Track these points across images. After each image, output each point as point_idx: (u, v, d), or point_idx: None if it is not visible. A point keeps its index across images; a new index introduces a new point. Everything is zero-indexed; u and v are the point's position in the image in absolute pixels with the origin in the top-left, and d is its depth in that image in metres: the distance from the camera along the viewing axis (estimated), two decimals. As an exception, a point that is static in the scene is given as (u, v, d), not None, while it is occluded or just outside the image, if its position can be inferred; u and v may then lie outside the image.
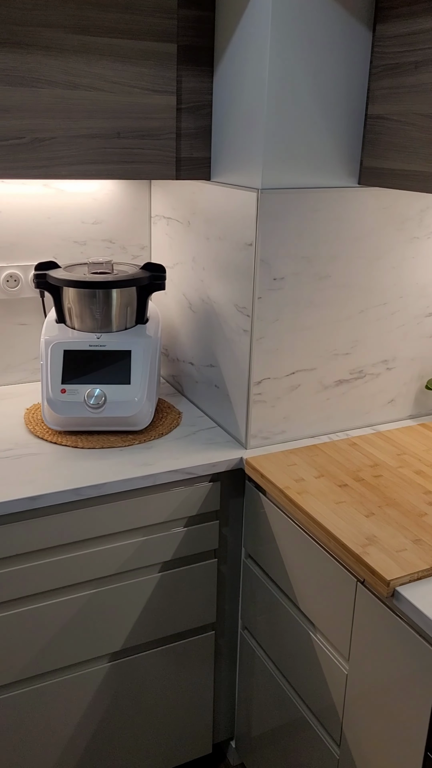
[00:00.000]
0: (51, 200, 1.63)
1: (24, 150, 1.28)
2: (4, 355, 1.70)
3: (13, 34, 1.20)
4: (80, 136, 1.31)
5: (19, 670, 1.35)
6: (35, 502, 1.24)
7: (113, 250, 1.74)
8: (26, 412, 1.56)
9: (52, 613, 1.34)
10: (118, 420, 1.45)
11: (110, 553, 1.35)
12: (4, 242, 1.62)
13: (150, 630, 1.45)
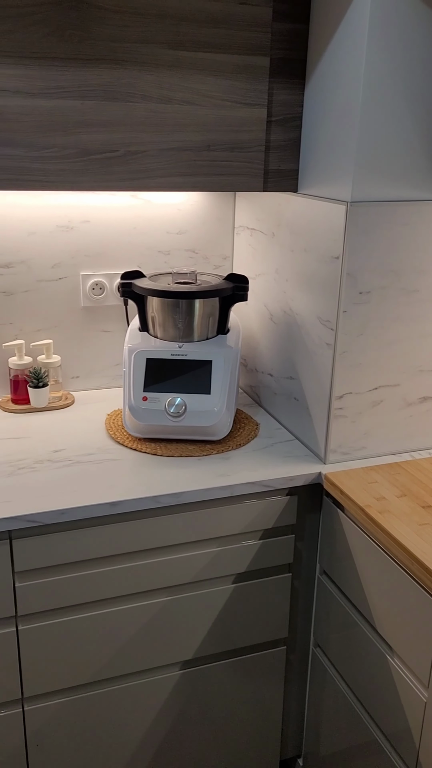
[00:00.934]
0: (138, 211, 1.66)
1: (117, 163, 1.31)
2: (87, 360, 1.75)
3: (112, 51, 1.24)
4: (171, 149, 1.33)
5: (93, 673, 1.37)
6: (115, 508, 1.26)
7: (196, 259, 1.76)
8: (107, 418, 1.59)
9: (127, 618, 1.36)
10: (197, 429, 1.46)
11: (185, 562, 1.36)
12: (91, 251, 1.66)
13: (221, 641, 1.45)
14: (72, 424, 1.57)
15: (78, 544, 1.26)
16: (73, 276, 1.67)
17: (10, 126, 1.22)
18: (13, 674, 1.31)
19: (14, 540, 1.23)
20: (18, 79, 1.20)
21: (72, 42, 1.21)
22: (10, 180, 1.25)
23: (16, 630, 1.29)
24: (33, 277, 1.63)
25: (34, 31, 1.18)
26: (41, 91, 1.22)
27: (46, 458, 1.40)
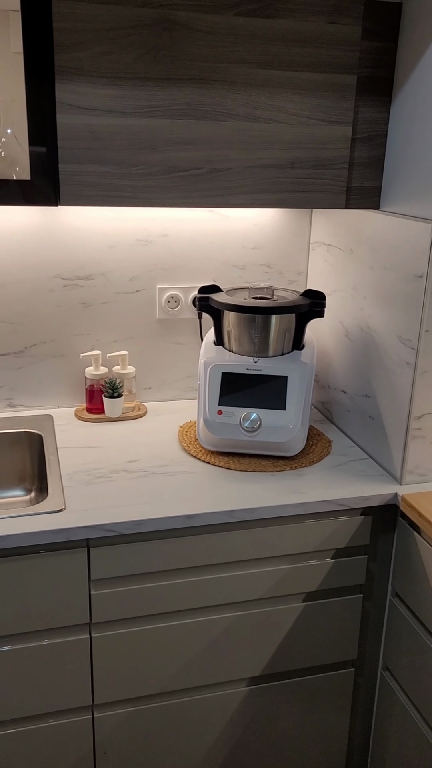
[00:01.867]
0: (215, 225, 1.68)
1: (202, 180, 1.33)
2: (160, 372, 1.77)
3: (202, 71, 1.26)
4: (256, 167, 1.34)
5: (161, 684, 1.38)
6: (191, 521, 1.27)
7: (270, 274, 1.76)
8: (180, 430, 1.61)
9: (196, 631, 1.36)
10: (271, 445, 1.46)
11: (256, 578, 1.35)
12: (168, 265, 1.69)
13: (289, 659, 1.44)
14: (145, 435, 1.59)
15: (153, 555, 1.28)
16: (149, 289, 1.69)
17: (102, 144, 1.25)
18: (85, 681, 1.33)
19: (92, 548, 1.25)
20: (112, 99, 1.23)
21: (164, 63, 1.24)
22: (100, 196, 1.28)
23: (89, 637, 1.31)
24: (111, 290, 1.67)
25: (129, 53, 1.22)
26: (133, 110, 1.25)
27: (122, 468, 1.43)
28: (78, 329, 1.68)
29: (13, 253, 1.58)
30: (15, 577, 1.22)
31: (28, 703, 1.31)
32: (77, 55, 1.19)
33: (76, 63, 1.20)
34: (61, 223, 1.58)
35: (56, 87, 1.20)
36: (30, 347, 1.66)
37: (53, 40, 1.18)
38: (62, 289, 1.64)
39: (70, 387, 1.72)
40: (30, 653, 1.28)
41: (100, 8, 1.18)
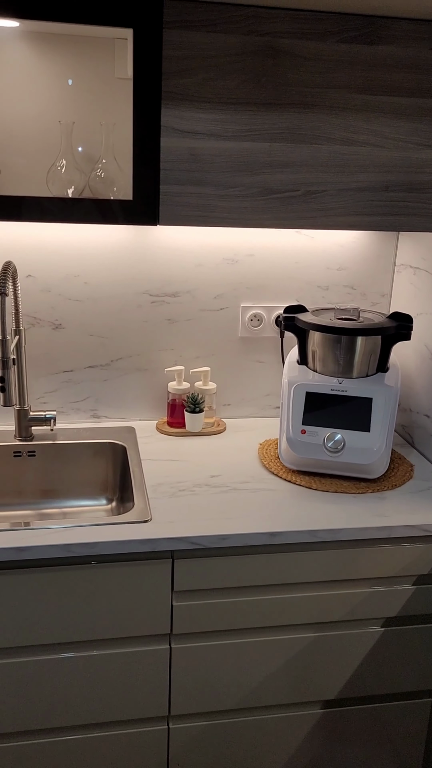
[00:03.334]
0: (300, 246, 1.70)
1: (296, 202, 1.35)
2: (239, 389, 1.79)
3: (302, 96, 1.28)
4: (350, 189, 1.36)
5: (237, 700, 1.38)
6: (274, 538, 1.27)
7: (353, 296, 1.76)
8: (260, 447, 1.62)
9: (274, 649, 1.36)
10: (354, 466, 1.45)
11: (336, 599, 1.35)
12: (253, 284, 1.71)
13: (364, 685, 1.42)
14: (225, 451, 1.61)
15: (235, 570, 1.29)
16: (233, 307, 1.72)
17: (202, 166, 1.29)
18: (162, 691, 1.35)
19: (176, 560, 1.27)
20: (213, 123, 1.27)
21: (266, 88, 1.27)
22: (197, 216, 1.32)
23: (169, 648, 1.33)
24: (196, 307, 1.70)
25: (232, 79, 1.25)
26: (234, 134, 1.28)
27: (204, 483, 1.45)
28: (163, 344, 1.72)
29: (106, 269, 1.63)
30: (101, 584, 1.25)
31: (106, 709, 1.34)
32: (183, 82, 1.24)
33: (181, 89, 1.24)
34: (152, 241, 1.63)
35: (162, 112, 1.25)
36: (116, 360, 1.71)
37: (162, 67, 1.22)
38: (150, 305, 1.68)
39: (152, 400, 1.76)
40: (111, 660, 1.31)
41: (208, 36, 1.22)
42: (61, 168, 1.46)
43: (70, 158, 1.46)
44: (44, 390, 1.70)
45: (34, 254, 1.60)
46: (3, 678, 1.27)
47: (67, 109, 1.49)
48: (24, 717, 1.31)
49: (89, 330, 1.67)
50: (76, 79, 1.48)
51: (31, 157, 1.51)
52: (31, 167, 1.52)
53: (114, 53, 1.46)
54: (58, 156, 1.46)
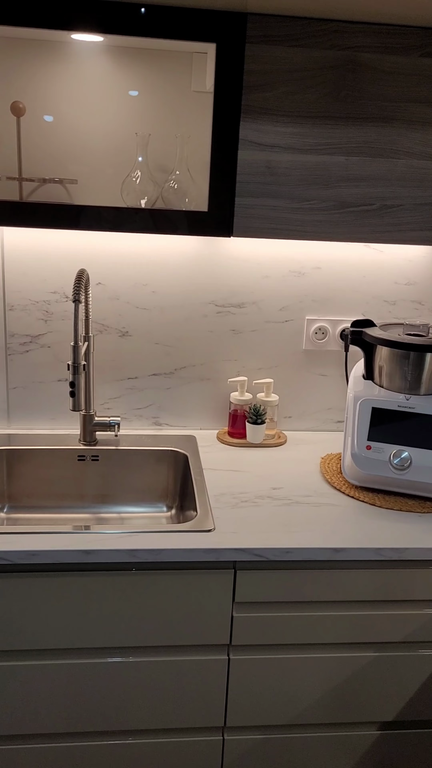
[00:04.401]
0: (369, 259, 1.68)
1: (371, 216, 1.34)
2: (301, 402, 1.78)
3: (381, 110, 1.28)
4: (427, 204, 1.34)
5: (293, 716, 1.37)
6: (338, 554, 1.26)
7: (421, 311, 1.74)
8: (322, 462, 1.61)
9: (333, 666, 1.34)
10: (421, 485, 1.43)
11: (399, 620, 1.32)
12: (319, 296, 1.70)
13: (425, 708, 1.39)
14: (287, 464, 1.61)
15: (297, 584, 1.28)
16: (298, 319, 1.72)
17: (277, 179, 1.30)
18: (219, 701, 1.35)
19: (238, 571, 1.27)
20: (291, 137, 1.28)
21: (346, 102, 1.27)
22: (270, 229, 1.33)
23: (228, 658, 1.32)
24: (261, 318, 1.71)
25: (312, 93, 1.26)
26: (311, 147, 1.29)
27: (266, 495, 1.44)
28: (226, 355, 1.73)
29: (174, 279, 1.65)
30: (163, 591, 1.26)
31: (162, 716, 1.34)
32: (263, 95, 1.25)
33: (261, 102, 1.25)
34: (220, 252, 1.64)
35: (240, 125, 1.26)
36: (180, 369, 1.73)
37: (242, 81, 1.24)
38: (215, 315, 1.69)
39: (213, 410, 1.76)
40: (169, 667, 1.31)
41: (289, 51, 1.23)
42: (135, 179, 1.48)
43: (144, 169, 1.49)
44: (108, 396, 1.73)
45: (105, 262, 1.63)
46: (61, 678, 1.29)
47: (143, 121, 1.52)
48: (79, 718, 1.32)
49: (155, 338, 1.69)
50: (153, 92, 1.50)
51: (106, 167, 1.55)
52: (107, 178, 1.55)
53: (191, 67, 1.49)
54: (133, 167, 1.49)
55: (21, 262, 1.60)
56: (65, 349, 1.67)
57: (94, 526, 1.28)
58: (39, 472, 1.62)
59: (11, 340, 1.65)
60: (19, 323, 1.64)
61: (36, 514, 1.62)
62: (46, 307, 1.64)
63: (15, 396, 1.69)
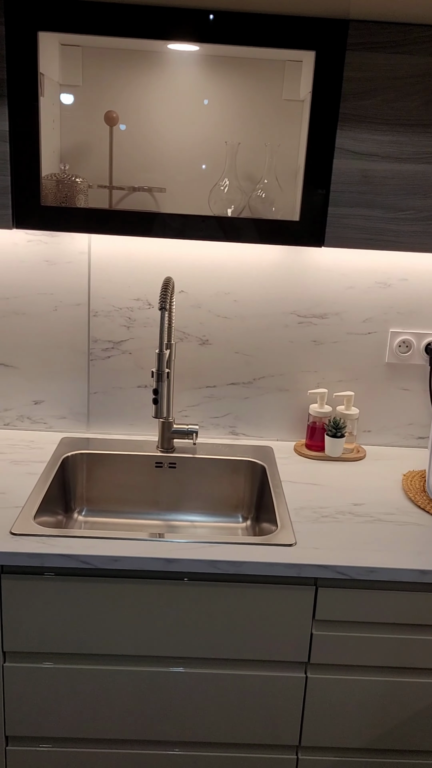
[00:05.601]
0: (458, 272, 1.63)
1: (469, 227, 1.30)
2: (382, 416, 1.74)
3: None
4: None
5: (369, 739, 1.33)
6: (425, 576, 1.21)
7: None
8: (404, 479, 1.56)
9: (415, 691, 1.30)
10: None
11: None
12: (404, 309, 1.66)
13: None
14: (367, 479, 1.57)
15: (380, 604, 1.24)
16: (382, 332, 1.68)
17: (374, 189, 1.27)
18: (294, 720, 1.32)
19: (320, 588, 1.24)
20: (389, 145, 1.25)
21: (447, 110, 1.23)
22: (364, 240, 1.30)
23: (305, 677, 1.29)
24: (344, 330, 1.67)
25: (413, 100, 1.23)
26: (410, 156, 1.25)
27: (347, 510, 1.41)
28: (306, 366, 1.70)
29: (256, 288, 1.64)
30: (242, 603, 1.24)
31: (235, 730, 1.32)
32: (362, 103, 1.23)
33: (359, 110, 1.23)
34: (304, 261, 1.62)
35: (337, 133, 1.24)
36: (258, 379, 1.71)
37: (341, 89, 1.22)
38: (296, 326, 1.67)
39: (291, 421, 1.74)
40: (244, 681, 1.29)
41: (391, 58, 1.20)
42: (224, 188, 1.48)
43: (233, 178, 1.48)
44: (186, 404, 1.73)
45: (188, 271, 1.63)
46: (133, 684, 1.29)
47: (232, 129, 1.52)
48: (148, 726, 1.32)
49: (235, 347, 1.69)
50: (243, 100, 1.50)
51: (194, 176, 1.55)
52: (194, 186, 1.56)
53: (284, 75, 1.48)
54: (222, 176, 1.49)
55: (107, 269, 1.62)
56: (146, 355, 1.68)
57: (171, 534, 1.28)
58: (116, 476, 1.63)
59: (94, 345, 1.67)
60: (102, 329, 1.66)
61: (112, 519, 1.63)
62: (128, 314, 1.65)
63: (95, 401, 1.72)
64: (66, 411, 1.72)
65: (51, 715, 1.30)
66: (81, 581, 1.22)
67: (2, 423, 1.72)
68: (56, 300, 1.64)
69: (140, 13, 1.22)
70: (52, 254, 1.61)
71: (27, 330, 1.66)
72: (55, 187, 1.39)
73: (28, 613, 1.23)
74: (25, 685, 1.28)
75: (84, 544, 1.22)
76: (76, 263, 1.61)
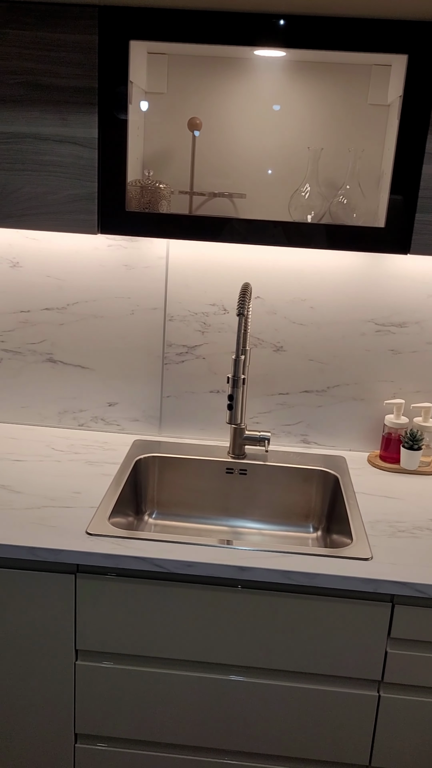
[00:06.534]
0: None
1: None
2: (460, 429, 1.68)
3: None
4: None
5: (445, 766, 1.28)
6: None
7: None
8: None
9: None
10: None
11: None
12: None
13: None
14: (444, 494, 1.52)
15: (461, 626, 1.20)
16: (463, 342, 1.63)
17: (462, 195, 1.23)
18: (365, 739, 1.28)
19: (396, 605, 1.21)
20: None
21: None
22: None
23: (378, 695, 1.26)
24: (423, 339, 1.63)
25: None
26: None
27: (425, 526, 1.37)
28: (383, 375, 1.66)
29: (334, 295, 1.62)
30: (315, 616, 1.22)
31: (301, 744, 1.30)
32: (454, 107, 1.19)
33: (451, 115, 1.19)
34: (384, 269, 1.59)
35: (428, 138, 1.21)
36: (333, 387, 1.68)
37: (433, 93, 1.19)
38: (374, 334, 1.64)
39: (365, 432, 1.71)
40: (313, 695, 1.27)
41: None
42: (305, 194, 1.47)
43: (314, 184, 1.47)
44: (258, 410, 1.72)
45: (264, 277, 1.62)
46: (201, 691, 1.28)
47: (315, 135, 1.50)
48: (211, 734, 1.31)
49: (309, 354, 1.66)
50: (327, 106, 1.48)
51: (275, 182, 1.54)
52: (274, 192, 1.55)
53: (369, 80, 1.45)
54: (303, 181, 1.48)
55: (184, 273, 1.63)
56: (219, 361, 1.68)
57: (244, 542, 1.26)
58: (187, 481, 1.63)
59: (168, 349, 1.68)
60: (177, 333, 1.67)
61: (180, 522, 1.63)
62: (204, 319, 1.66)
63: (167, 404, 1.72)
64: (139, 413, 1.74)
65: (116, 716, 1.31)
66: (153, 584, 1.22)
67: (77, 423, 1.76)
68: (133, 304, 1.66)
69: (229, 20, 1.22)
70: (131, 259, 1.63)
71: (104, 333, 1.68)
72: (138, 193, 1.41)
73: (100, 612, 1.25)
74: (94, 683, 1.30)
75: (157, 547, 1.22)
76: (154, 268, 1.63)
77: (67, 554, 1.20)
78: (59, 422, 1.76)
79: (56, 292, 1.66)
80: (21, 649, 1.28)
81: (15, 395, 1.74)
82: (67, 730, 1.33)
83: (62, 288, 1.66)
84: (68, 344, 1.70)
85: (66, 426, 1.76)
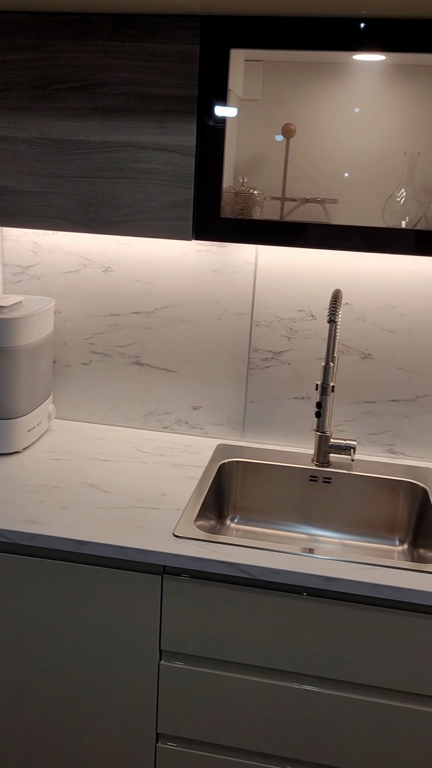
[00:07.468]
0: None
1: None
2: None
3: None
4: None
5: None
6: None
7: None
8: None
9: None
10: None
11: None
12: None
13: None
14: None
15: None
16: None
17: None
18: (452, 763, 1.24)
19: None
20: None
21: None
22: None
23: (467, 719, 1.22)
24: None
25: None
26: None
27: None
28: None
29: (427, 302, 1.58)
30: (402, 633, 1.19)
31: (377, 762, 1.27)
32: None
33: None
34: None
35: None
36: (422, 397, 1.64)
37: None
38: (467, 344, 1.59)
39: (455, 444, 1.65)
40: (397, 713, 1.23)
41: None
42: (400, 199, 1.44)
43: (410, 189, 1.44)
44: (343, 418, 1.69)
45: (353, 283, 1.60)
46: (275, 700, 1.27)
47: (412, 139, 1.47)
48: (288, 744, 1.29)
49: (398, 363, 1.63)
50: (425, 109, 1.45)
51: (368, 187, 1.52)
52: (367, 198, 1.53)
53: (468, 82, 1.41)
54: (398, 186, 1.45)
55: (272, 279, 1.63)
56: (305, 367, 1.67)
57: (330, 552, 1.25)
58: (270, 487, 1.63)
59: (254, 355, 1.68)
60: (263, 339, 1.67)
61: (262, 528, 1.63)
62: (290, 325, 1.65)
63: (251, 410, 1.73)
64: (222, 418, 1.74)
65: (196, 718, 1.32)
66: (235, 589, 1.23)
67: (161, 426, 1.78)
68: (220, 309, 1.67)
69: (331, 26, 1.21)
70: (219, 264, 1.64)
71: (190, 337, 1.70)
72: (232, 199, 1.42)
73: (184, 614, 1.26)
74: (177, 684, 1.31)
75: (243, 553, 1.23)
76: (243, 273, 1.63)
77: (155, 555, 1.22)
78: (144, 424, 1.79)
79: (145, 296, 1.70)
80: (106, 645, 1.31)
81: (103, 396, 1.79)
82: (149, 729, 1.35)
83: (151, 292, 1.69)
84: (155, 348, 1.72)
85: (151, 428, 1.79)
